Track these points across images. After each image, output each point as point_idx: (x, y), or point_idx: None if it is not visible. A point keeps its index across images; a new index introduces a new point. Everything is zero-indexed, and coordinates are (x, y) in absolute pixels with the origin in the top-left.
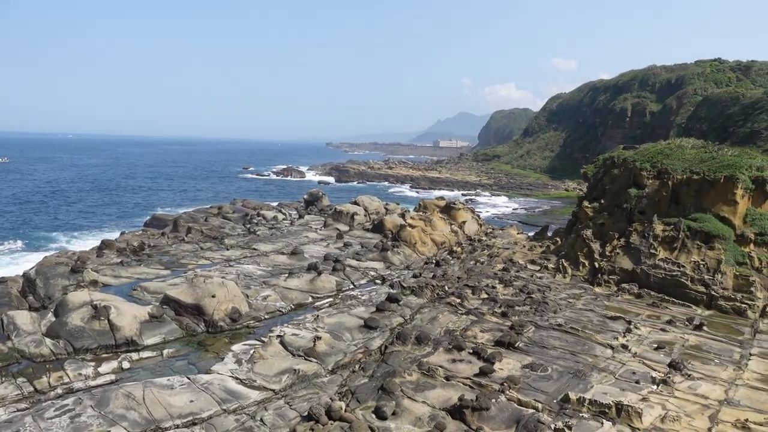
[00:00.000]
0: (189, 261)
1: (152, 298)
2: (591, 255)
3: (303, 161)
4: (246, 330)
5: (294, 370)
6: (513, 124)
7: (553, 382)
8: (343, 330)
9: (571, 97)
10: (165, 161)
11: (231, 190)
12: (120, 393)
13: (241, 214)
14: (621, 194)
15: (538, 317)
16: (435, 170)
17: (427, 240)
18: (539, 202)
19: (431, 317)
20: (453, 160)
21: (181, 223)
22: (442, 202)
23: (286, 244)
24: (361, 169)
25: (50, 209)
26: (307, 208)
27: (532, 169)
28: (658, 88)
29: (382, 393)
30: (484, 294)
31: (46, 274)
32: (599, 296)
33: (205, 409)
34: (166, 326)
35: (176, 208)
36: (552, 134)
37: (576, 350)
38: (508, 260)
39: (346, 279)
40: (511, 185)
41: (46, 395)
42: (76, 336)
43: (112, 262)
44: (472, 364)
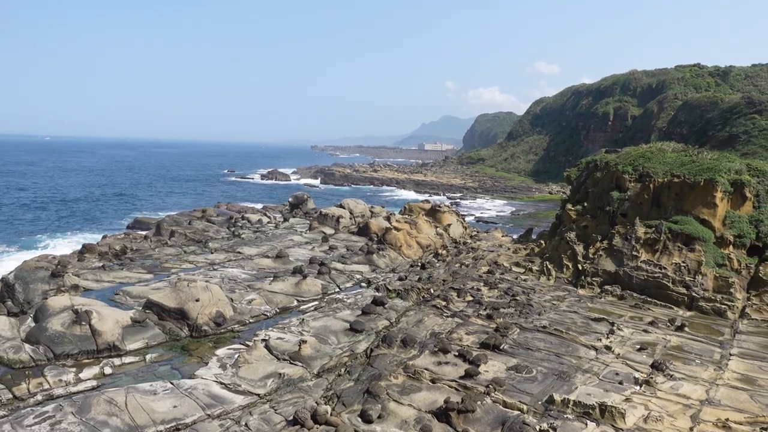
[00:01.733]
0: (172, 265)
1: (135, 303)
2: (574, 257)
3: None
4: (230, 334)
5: (279, 374)
6: (497, 127)
7: (538, 383)
8: (328, 333)
9: (555, 101)
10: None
11: (215, 193)
12: (102, 399)
13: (225, 217)
14: (604, 197)
15: (523, 319)
16: (420, 173)
17: (413, 243)
18: (523, 205)
19: (417, 320)
20: (438, 163)
21: (165, 226)
22: (427, 205)
23: (270, 247)
24: (346, 172)
25: (30, 212)
26: (292, 211)
27: (517, 172)
28: (639, 93)
29: (367, 396)
30: (469, 296)
31: (25, 278)
32: (583, 298)
33: (188, 415)
34: (149, 331)
35: (159, 212)
36: (536, 137)
37: (560, 352)
38: (493, 263)
39: (331, 282)
40: (496, 188)
41: (25, 402)
42: (56, 341)
43: (93, 267)
44: (458, 366)
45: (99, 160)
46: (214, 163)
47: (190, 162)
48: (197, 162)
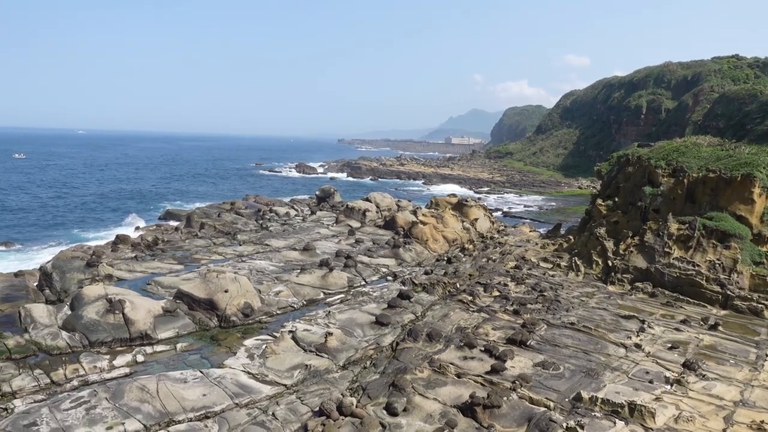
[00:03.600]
0: (202, 256)
1: (166, 293)
2: (604, 253)
3: (315, 157)
4: (258, 325)
5: (305, 366)
6: (526, 121)
7: (566, 380)
8: (354, 326)
9: (585, 94)
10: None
11: (243, 186)
12: (134, 386)
13: (253, 209)
14: (635, 192)
15: (551, 315)
16: (447, 167)
17: (439, 237)
18: (552, 200)
19: (443, 314)
20: (465, 157)
21: (195, 218)
22: (454, 200)
23: (298, 240)
24: (373, 166)
25: (66, 204)
26: (319, 204)
27: (545, 167)
28: (673, 85)
29: (393, 389)
30: (495, 292)
31: (62, 268)
32: (612, 295)
33: (217, 403)
34: (179, 320)
35: (190, 204)
36: (565, 131)
37: (588, 349)
38: (521, 258)
39: (357, 275)
40: (524, 182)
41: (62, 387)
42: (91, 329)
43: (126, 257)
44: (484, 361)
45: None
46: (242, 157)
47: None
48: (226, 155)
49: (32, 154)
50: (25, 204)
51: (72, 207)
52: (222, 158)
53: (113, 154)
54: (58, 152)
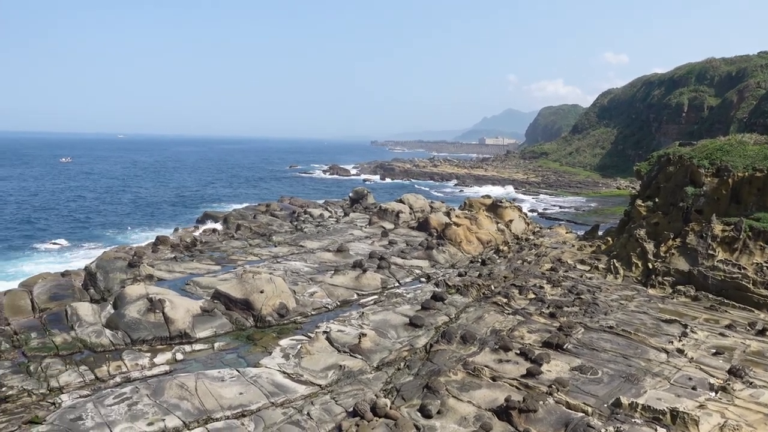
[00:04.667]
0: (238, 257)
1: (204, 293)
2: (644, 255)
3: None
4: (293, 325)
5: (340, 366)
6: (561, 120)
7: (604, 385)
8: (388, 327)
9: (623, 92)
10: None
11: (278, 188)
12: (174, 383)
13: (288, 211)
14: (677, 193)
15: (588, 319)
16: (481, 168)
17: (473, 238)
18: (589, 201)
19: (477, 316)
20: (499, 158)
21: (231, 220)
22: (488, 201)
23: (332, 241)
24: (406, 167)
25: (109, 206)
26: (352, 205)
27: (582, 167)
28: (717, 82)
29: (427, 391)
30: (531, 294)
31: (105, 268)
32: (653, 298)
33: (253, 402)
34: (217, 320)
35: (226, 206)
36: (603, 131)
37: (628, 353)
38: (557, 260)
39: (391, 277)
40: (560, 183)
41: (105, 383)
42: (133, 327)
43: (166, 258)
44: (519, 365)
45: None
46: (277, 159)
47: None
48: (261, 157)
49: (77, 158)
50: (72, 206)
51: (115, 208)
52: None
53: (152, 157)
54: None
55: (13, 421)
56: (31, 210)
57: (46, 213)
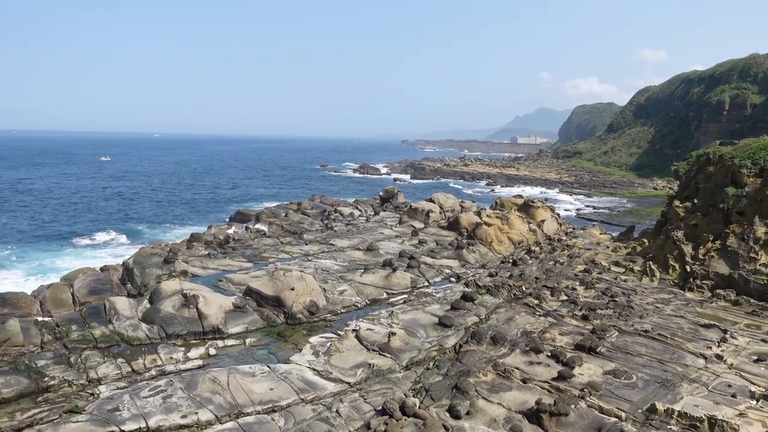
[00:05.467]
0: (270, 255)
1: (236, 289)
2: (682, 258)
3: (378, 159)
4: (323, 323)
5: (369, 365)
6: (596, 119)
7: (639, 390)
8: (417, 327)
9: (661, 90)
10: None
11: (309, 187)
12: (207, 378)
13: (319, 210)
14: (717, 193)
15: (622, 322)
16: (513, 167)
17: (504, 239)
18: (624, 201)
19: (507, 318)
20: (531, 157)
21: (263, 218)
22: (519, 200)
23: (362, 240)
24: (436, 167)
25: (146, 203)
26: (382, 204)
27: (617, 167)
28: (761, 79)
29: (456, 392)
30: (563, 296)
31: (142, 263)
32: (691, 302)
33: (284, 398)
34: (248, 316)
35: (258, 204)
36: (639, 129)
37: (664, 358)
38: (590, 261)
39: (420, 276)
40: (594, 183)
41: (141, 376)
42: (168, 322)
43: (200, 254)
44: (551, 367)
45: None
46: (307, 158)
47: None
48: (292, 157)
49: (116, 157)
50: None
51: (151, 205)
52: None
53: (186, 156)
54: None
55: (55, 410)
56: (71, 206)
57: (85, 209)
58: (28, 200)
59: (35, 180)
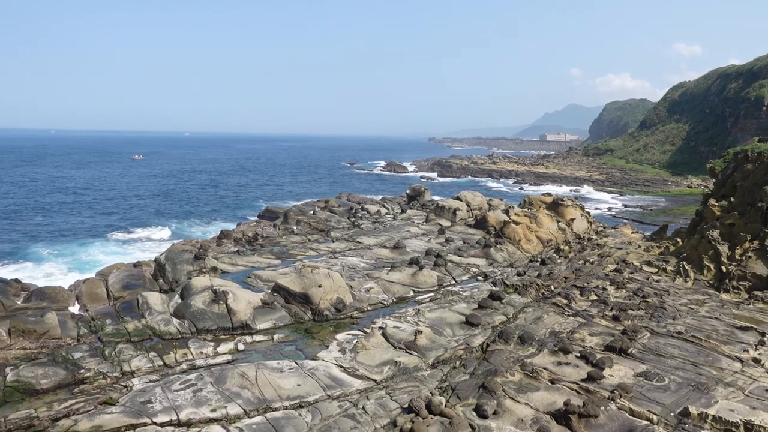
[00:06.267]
0: (298, 252)
1: (264, 286)
2: (718, 258)
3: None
4: (349, 320)
5: (395, 362)
6: (628, 116)
7: (671, 393)
8: (444, 325)
9: (696, 85)
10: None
11: (337, 185)
12: (236, 372)
13: (346, 207)
14: (755, 192)
15: (655, 323)
16: (541, 165)
17: (532, 237)
18: (657, 200)
19: (535, 317)
20: (561, 155)
21: (291, 215)
22: (548, 199)
23: (388, 238)
24: (464, 164)
25: (177, 200)
26: (409, 202)
27: (650, 164)
28: None
29: (483, 391)
30: (593, 296)
31: (173, 259)
32: (726, 303)
33: (311, 394)
34: (276, 313)
35: (286, 201)
36: (673, 126)
37: (698, 361)
38: (621, 261)
39: (447, 274)
40: (626, 181)
41: (172, 369)
42: (198, 317)
43: (229, 251)
44: (580, 368)
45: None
46: (336, 156)
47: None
48: (320, 155)
49: (148, 156)
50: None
51: (182, 203)
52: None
53: (216, 154)
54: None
55: (90, 401)
56: (106, 203)
57: (119, 206)
58: (65, 197)
59: (72, 178)
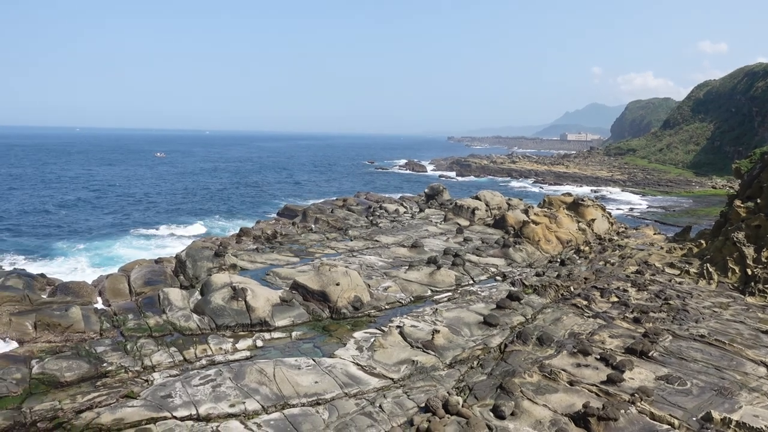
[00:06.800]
0: (316, 250)
1: (283, 283)
2: (743, 260)
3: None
4: (367, 318)
5: (412, 361)
6: (651, 115)
7: (693, 397)
8: (461, 325)
9: (722, 84)
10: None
11: (355, 183)
12: (254, 369)
13: (364, 206)
14: None
15: (677, 326)
16: (562, 165)
17: (552, 237)
18: (680, 201)
19: (554, 318)
20: (582, 155)
21: (310, 213)
22: (568, 198)
23: (406, 237)
24: (482, 164)
25: (198, 198)
26: (427, 201)
27: (673, 164)
28: None
29: (500, 392)
30: (614, 297)
31: (194, 256)
32: (752, 307)
33: (328, 391)
34: (294, 310)
35: (305, 200)
36: (697, 126)
37: (721, 365)
38: (643, 262)
39: (465, 274)
40: (648, 181)
41: (192, 365)
42: (217, 314)
43: (249, 248)
44: (599, 370)
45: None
46: (355, 155)
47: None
48: (340, 153)
49: (170, 154)
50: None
51: (203, 200)
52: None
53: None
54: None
55: (112, 395)
56: (129, 199)
57: (142, 203)
58: (89, 194)
59: (97, 175)
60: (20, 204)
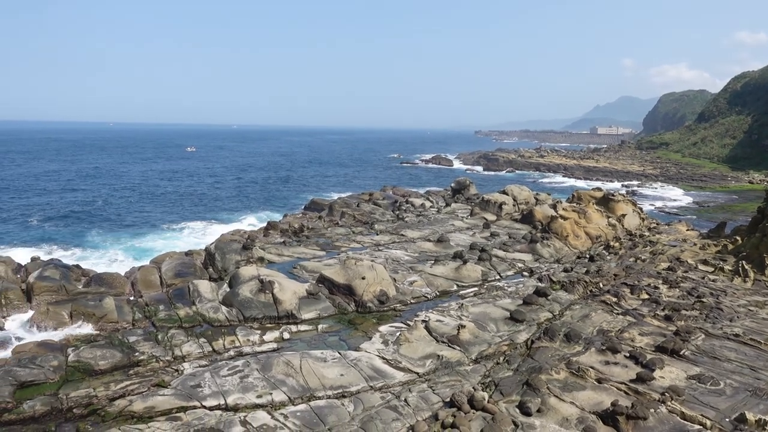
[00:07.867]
0: (342, 243)
1: (309, 277)
2: None
3: (451, 149)
4: (392, 312)
5: (438, 356)
6: (685, 108)
7: (726, 398)
8: (487, 320)
9: (761, 75)
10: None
11: (381, 177)
12: (281, 360)
13: (390, 200)
14: None
15: (710, 324)
16: (591, 159)
17: (581, 233)
18: (715, 196)
19: (582, 315)
20: (613, 148)
21: (336, 207)
22: (598, 193)
23: (432, 231)
24: (510, 158)
25: (227, 191)
26: (454, 196)
27: (708, 159)
28: None
29: (527, 388)
30: (644, 294)
31: (222, 249)
32: None
33: (353, 384)
34: (321, 303)
35: (332, 194)
36: (734, 119)
37: (757, 365)
38: (675, 259)
39: (491, 269)
40: (681, 176)
41: (221, 355)
42: (245, 306)
43: (276, 242)
44: (629, 368)
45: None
46: (382, 149)
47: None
48: (367, 147)
49: (201, 148)
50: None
51: (232, 194)
52: (364, 150)
53: (264, 147)
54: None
55: (144, 383)
56: (161, 192)
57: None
58: (123, 187)
59: (130, 168)
60: (59, 197)
